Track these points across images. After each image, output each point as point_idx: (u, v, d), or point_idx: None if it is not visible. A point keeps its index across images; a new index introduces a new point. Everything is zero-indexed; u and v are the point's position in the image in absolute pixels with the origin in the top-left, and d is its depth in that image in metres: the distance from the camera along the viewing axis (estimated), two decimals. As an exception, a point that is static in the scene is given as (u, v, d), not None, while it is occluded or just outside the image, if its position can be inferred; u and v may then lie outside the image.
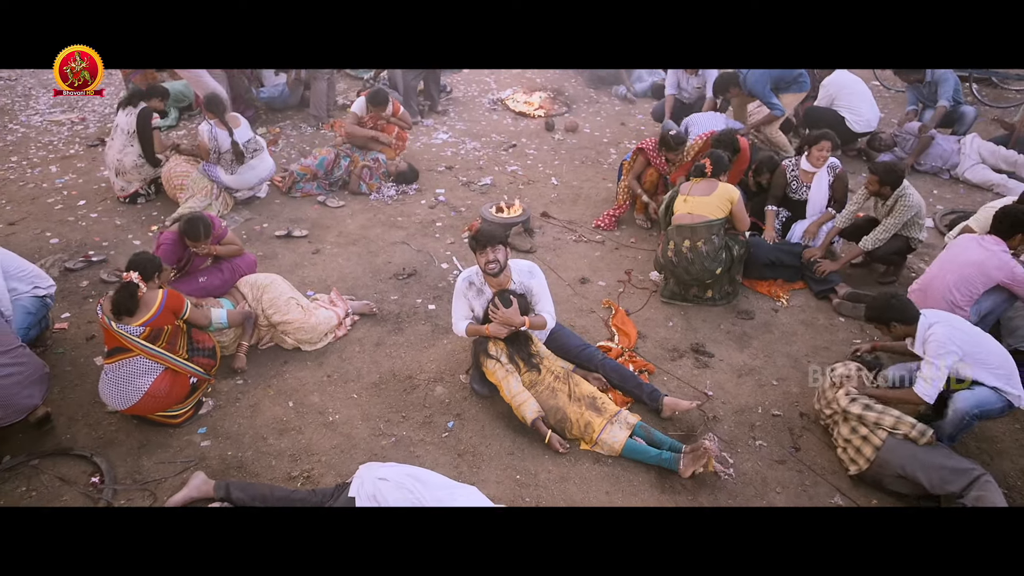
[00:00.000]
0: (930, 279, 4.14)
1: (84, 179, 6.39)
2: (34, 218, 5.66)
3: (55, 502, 3.23)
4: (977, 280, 3.90)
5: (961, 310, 3.91)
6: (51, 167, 6.63)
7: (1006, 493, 3.29)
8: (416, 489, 2.93)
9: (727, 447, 3.54)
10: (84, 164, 6.71)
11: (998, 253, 3.91)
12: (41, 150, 7.03)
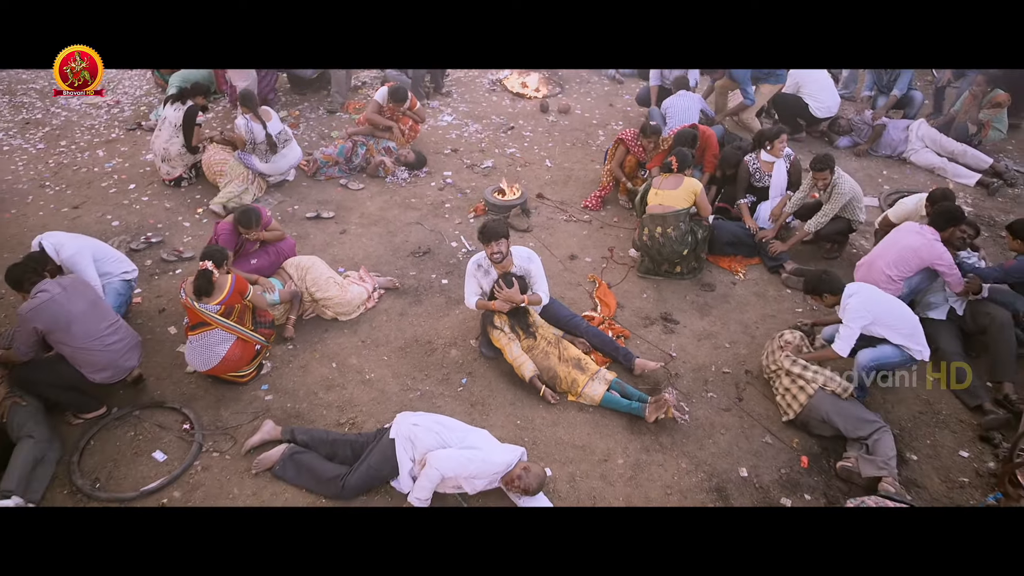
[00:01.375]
0: (874, 257, 4.92)
1: (130, 163, 7.06)
2: (93, 202, 6.37)
3: (157, 444, 4.06)
4: (912, 261, 4.67)
5: (895, 283, 4.69)
6: (98, 151, 7.29)
7: (898, 433, 4.15)
8: (441, 432, 3.77)
9: (684, 398, 4.37)
10: (127, 148, 7.36)
11: (932, 242, 4.65)
12: (86, 134, 7.67)
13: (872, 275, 4.70)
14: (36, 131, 7.70)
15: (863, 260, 4.98)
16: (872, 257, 4.85)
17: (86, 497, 3.75)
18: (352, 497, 3.74)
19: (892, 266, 4.65)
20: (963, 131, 7.02)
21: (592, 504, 3.76)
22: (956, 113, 7.17)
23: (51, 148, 7.34)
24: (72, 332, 3.87)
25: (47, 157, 7.15)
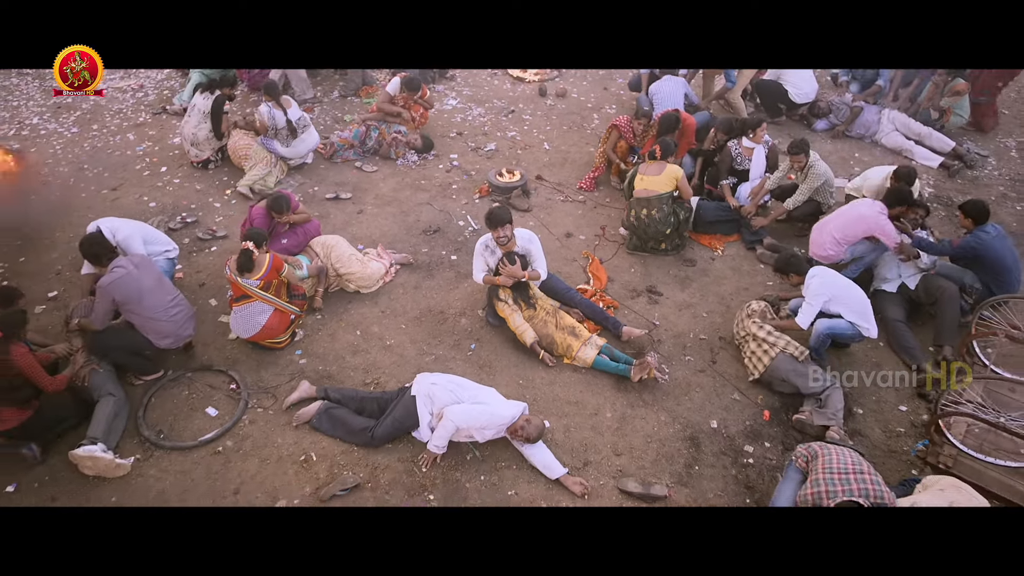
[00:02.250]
0: (827, 220, 5.52)
1: (159, 146, 7.54)
2: (129, 184, 6.86)
3: (208, 402, 4.66)
4: (857, 227, 5.26)
5: (840, 246, 5.31)
6: (128, 135, 7.76)
7: (848, 391, 4.76)
8: (455, 390, 4.36)
9: (665, 361, 4.96)
10: (155, 132, 7.83)
11: (878, 215, 5.23)
12: (115, 118, 8.12)
13: (822, 236, 5.31)
14: (68, 115, 8.14)
15: (818, 223, 5.55)
16: (825, 220, 5.46)
17: (153, 446, 4.36)
18: (379, 445, 4.35)
19: (839, 230, 5.25)
20: (926, 117, 7.51)
21: (583, 450, 4.38)
22: (921, 101, 7.66)
23: (84, 132, 7.80)
24: (143, 304, 4.45)
25: (82, 141, 7.62)
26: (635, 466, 4.31)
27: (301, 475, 4.23)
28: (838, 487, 3.45)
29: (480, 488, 4.17)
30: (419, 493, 4.13)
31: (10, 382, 4.02)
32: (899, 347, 5.08)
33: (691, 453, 4.41)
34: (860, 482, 3.46)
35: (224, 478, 4.21)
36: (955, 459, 4.25)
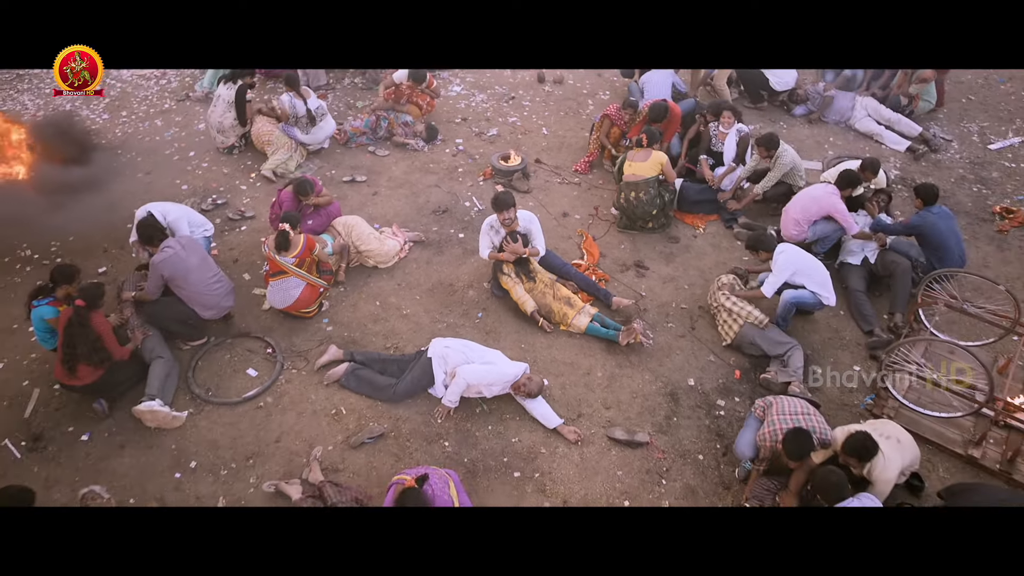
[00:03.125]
0: (791, 203, 6.08)
1: (185, 132, 8.02)
2: (162, 168, 7.35)
3: (248, 364, 5.24)
4: (813, 209, 5.83)
5: (801, 226, 5.88)
6: (156, 121, 8.24)
7: (810, 353, 5.35)
8: (466, 352, 4.94)
9: (649, 327, 5.52)
10: (180, 118, 8.30)
11: (830, 195, 5.78)
12: (142, 104, 8.58)
13: (787, 218, 5.91)
14: (98, 102, 8.61)
15: (785, 207, 6.11)
16: (790, 203, 6.01)
17: (203, 402, 4.96)
18: (400, 400, 4.95)
19: (798, 211, 5.83)
20: (896, 103, 8.00)
21: (577, 404, 4.98)
22: (892, 88, 8.14)
23: (114, 118, 8.27)
24: (189, 279, 5.01)
25: (113, 127, 8.10)
26: (622, 417, 4.93)
27: (333, 426, 4.84)
28: (789, 426, 4.07)
29: (488, 436, 4.79)
30: (436, 441, 4.75)
31: (91, 344, 4.58)
32: (857, 314, 5.66)
33: (670, 406, 5.02)
34: (808, 422, 4.09)
35: (267, 428, 4.81)
36: (897, 411, 4.88)
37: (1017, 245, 6.55)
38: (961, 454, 4.64)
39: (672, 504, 4.41)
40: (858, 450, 3.89)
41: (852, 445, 3.92)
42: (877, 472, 3.91)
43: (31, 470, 4.53)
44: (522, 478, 4.54)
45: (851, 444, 3.92)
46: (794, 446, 3.97)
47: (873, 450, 3.87)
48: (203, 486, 4.48)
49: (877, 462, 3.90)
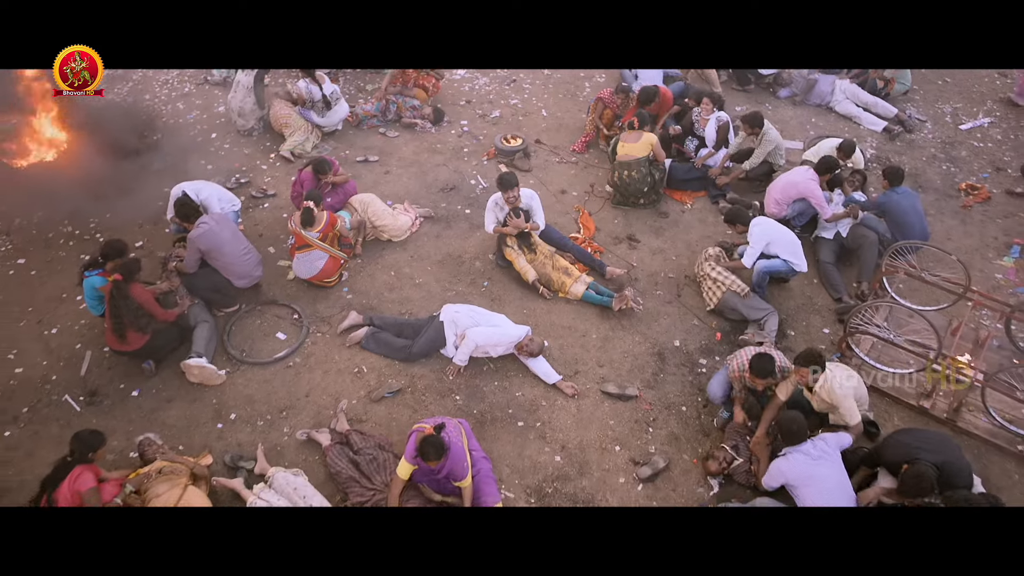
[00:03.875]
0: (772, 185, 6.52)
1: (207, 115, 8.41)
2: (187, 149, 7.77)
3: (277, 328, 5.73)
4: (792, 192, 6.27)
5: (780, 206, 6.33)
6: (178, 104, 8.63)
7: (785, 317, 5.85)
8: (474, 316, 5.42)
9: (640, 294, 6.00)
10: (200, 101, 8.69)
11: (808, 180, 6.22)
12: (163, 88, 8.95)
13: (769, 198, 6.36)
14: (122, 86, 8.98)
15: (769, 186, 6.57)
16: (771, 186, 6.46)
17: (239, 362, 5.46)
18: (415, 360, 5.45)
19: (779, 192, 6.28)
20: (873, 86, 8.40)
21: (574, 362, 5.49)
22: (870, 71, 8.54)
23: (138, 103, 8.66)
24: (224, 252, 5.48)
25: (134, 111, 8.50)
26: (614, 374, 5.44)
27: (356, 382, 5.35)
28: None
29: (494, 391, 5.30)
30: (448, 395, 5.26)
31: (135, 313, 5.06)
32: (827, 283, 6.14)
33: (658, 364, 5.53)
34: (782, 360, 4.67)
35: (297, 385, 5.32)
36: (860, 368, 5.38)
37: (979, 219, 7.02)
38: (914, 405, 5.16)
39: (658, 449, 4.94)
40: (807, 357, 4.49)
41: (803, 355, 4.54)
42: (834, 392, 4.45)
43: (90, 421, 5.02)
44: (525, 427, 5.06)
45: (803, 354, 4.55)
46: (759, 364, 4.59)
47: (821, 357, 4.46)
48: (243, 435, 5.00)
49: (830, 378, 4.46)
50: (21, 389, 5.27)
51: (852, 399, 4.48)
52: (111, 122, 7.21)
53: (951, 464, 4.02)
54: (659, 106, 7.42)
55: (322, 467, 4.76)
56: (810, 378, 4.51)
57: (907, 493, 3.94)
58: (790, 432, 4.25)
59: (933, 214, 7.06)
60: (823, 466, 4.13)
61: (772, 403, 4.62)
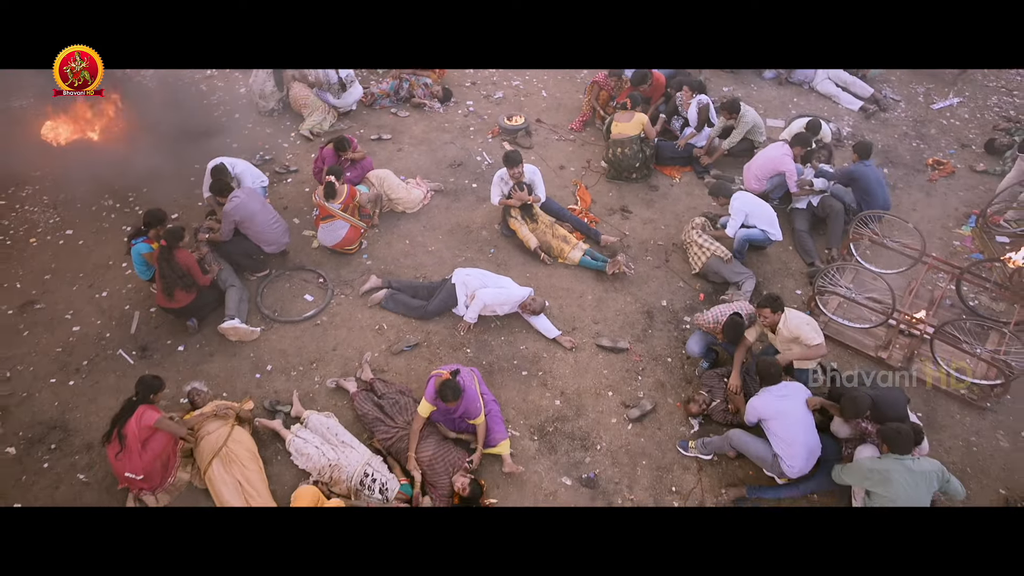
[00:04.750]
0: (752, 162, 7.01)
1: (228, 96, 8.85)
2: (213, 129, 8.23)
3: (304, 291, 6.26)
4: (767, 167, 6.77)
5: (760, 181, 6.82)
6: (201, 86, 9.06)
7: (762, 280, 6.38)
8: (482, 278, 5.94)
9: (631, 260, 6.51)
10: (222, 84, 9.11)
11: (783, 156, 6.71)
12: (185, 71, 9.39)
13: (748, 175, 6.86)
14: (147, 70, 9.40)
15: (747, 164, 7.06)
16: (751, 163, 6.95)
17: (272, 320, 5.99)
18: (430, 318, 5.98)
19: (757, 169, 6.78)
20: (852, 68, 8.89)
21: (572, 320, 6.04)
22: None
23: (162, 85, 9.09)
24: (256, 221, 5.99)
25: (163, 92, 8.94)
26: (607, 330, 5.98)
27: (377, 338, 5.89)
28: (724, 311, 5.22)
29: (501, 345, 5.85)
30: (459, 348, 5.81)
31: (179, 274, 5.59)
32: (800, 249, 6.67)
33: (646, 322, 6.08)
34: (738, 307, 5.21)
35: (324, 340, 5.87)
36: (826, 324, 5.93)
37: (943, 192, 7.53)
38: (873, 355, 5.72)
39: (646, 394, 5.51)
40: (767, 301, 5.05)
41: (763, 299, 5.09)
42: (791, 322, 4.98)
43: (143, 373, 5.58)
44: (528, 376, 5.62)
45: (763, 298, 5.10)
46: (730, 328, 5.16)
47: (778, 299, 4.97)
48: (278, 383, 5.56)
49: (788, 316, 4.99)
50: (80, 345, 5.82)
51: (809, 326, 5.00)
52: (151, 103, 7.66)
53: (883, 398, 4.59)
54: (652, 88, 7.87)
55: (350, 410, 5.33)
56: (771, 317, 5.04)
57: (847, 414, 4.54)
58: (768, 374, 4.79)
59: (902, 187, 7.57)
60: (788, 403, 4.69)
61: (741, 345, 5.17)
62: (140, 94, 8.00)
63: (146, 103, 8.03)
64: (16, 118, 7.96)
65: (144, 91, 8.50)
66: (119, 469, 4.63)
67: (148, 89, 8.70)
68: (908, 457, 4.20)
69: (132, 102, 7.77)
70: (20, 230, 6.85)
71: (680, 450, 5.13)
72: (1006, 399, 5.42)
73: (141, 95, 8.00)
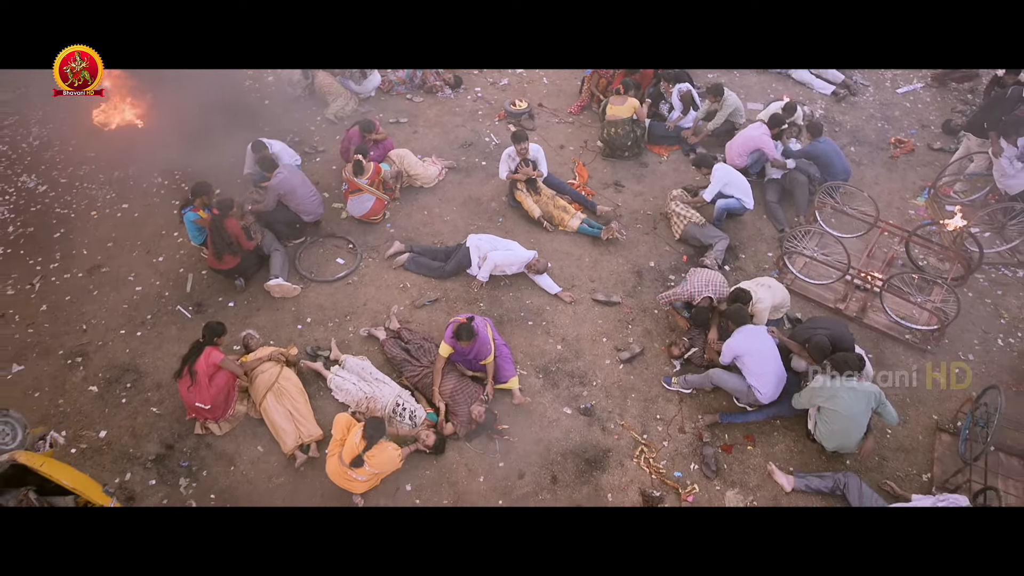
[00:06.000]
0: (733, 140, 7.66)
1: (258, 83, 9.46)
2: (248, 114, 8.88)
3: (336, 255, 6.96)
4: (748, 144, 7.43)
5: (741, 157, 7.47)
6: (234, 76, 9.71)
7: (737, 244, 7.09)
8: (493, 242, 6.62)
9: (623, 227, 7.20)
10: (252, 73, 9.75)
11: (762, 135, 7.38)
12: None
13: (730, 151, 7.52)
14: (182, 59, 10.03)
15: (729, 142, 7.73)
16: (731, 141, 7.62)
17: (309, 280, 6.70)
18: (447, 277, 6.67)
19: (738, 147, 7.44)
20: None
21: (571, 278, 6.75)
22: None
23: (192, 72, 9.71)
24: (296, 194, 6.68)
25: (198, 79, 9.57)
26: (602, 287, 6.70)
27: (402, 294, 6.61)
28: (700, 288, 5.87)
29: (509, 299, 6.57)
30: (474, 303, 6.52)
31: (227, 240, 6.28)
32: (771, 217, 7.37)
33: (636, 279, 6.79)
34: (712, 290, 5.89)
35: (356, 297, 6.58)
36: (793, 280, 6.65)
37: (903, 168, 8.21)
38: (832, 307, 6.44)
39: (635, 340, 6.23)
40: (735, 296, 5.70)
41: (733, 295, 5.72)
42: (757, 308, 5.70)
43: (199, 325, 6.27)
44: (534, 325, 6.35)
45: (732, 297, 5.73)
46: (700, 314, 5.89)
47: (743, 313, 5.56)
48: (318, 333, 6.28)
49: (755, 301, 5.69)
50: (143, 302, 6.53)
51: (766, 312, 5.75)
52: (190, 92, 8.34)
53: (836, 334, 5.32)
54: (641, 76, 8.54)
55: (380, 354, 6.05)
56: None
57: (815, 355, 5.24)
58: (740, 317, 5.51)
59: (866, 163, 8.25)
60: (758, 341, 5.42)
61: (714, 313, 5.90)
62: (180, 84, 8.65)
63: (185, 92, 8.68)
64: (69, 105, 8.60)
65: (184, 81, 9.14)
66: (189, 400, 5.36)
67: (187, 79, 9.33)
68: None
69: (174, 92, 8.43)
70: (82, 204, 7.54)
71: (664, 385, 5.87)
72: (944, 342, 6.15)
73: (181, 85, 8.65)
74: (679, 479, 5.29)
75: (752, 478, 5.30)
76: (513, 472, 5.31)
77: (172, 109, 8.48)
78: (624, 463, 5.38)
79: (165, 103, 8.59)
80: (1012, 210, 6.71)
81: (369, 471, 4.90)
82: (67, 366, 5.98)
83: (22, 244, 7.07)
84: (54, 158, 8.13)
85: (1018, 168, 6.55)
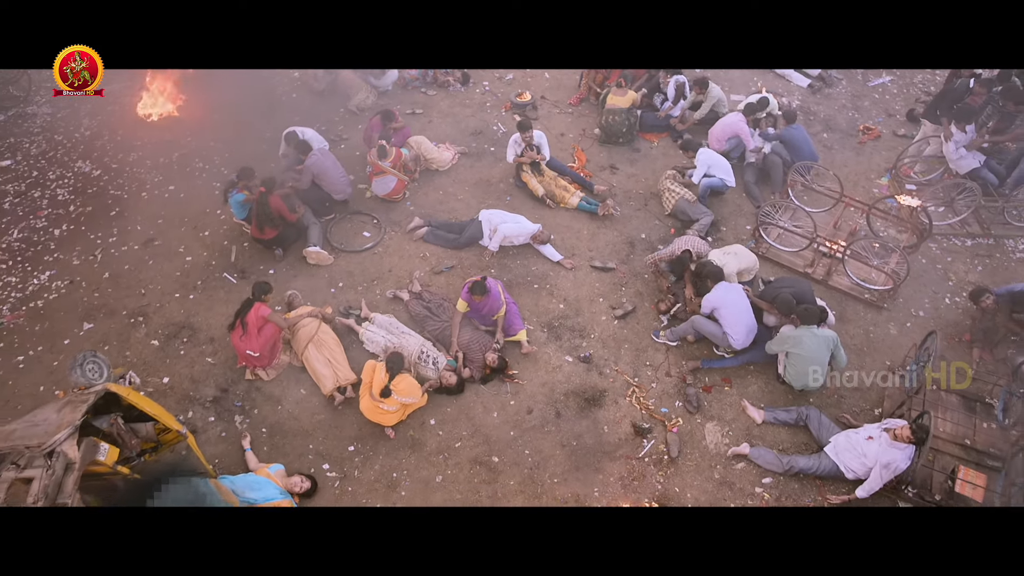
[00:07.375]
0: (715, 127, 8.35)
1: (286, 78, 10.18)
2: (275, 106, 9.59)
3: (363, 229, 7.67)
4: (727, 130, 8.13)
5: (721, 142, 8.17)
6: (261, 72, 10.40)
7: (719, 219, 7.80)
8: (502, 216, 7.33)
9: (618, 204, 7.94)
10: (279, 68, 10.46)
11: (738, 121, 8.08)
12: (247, 58, 10.71)
13: (712, 137, 8.22)
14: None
15: (711, 129, 8.43)
16: (714, 128, 8.32)
17: (339, 251, 7.41)
18: (462, 247, 7.37)
19: (719, 133, 8.14)
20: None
21: (572, 248, 7.46)
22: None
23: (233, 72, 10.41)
24: (329, 174, 7.39)
25: (230, 76, 10.26)
26: (599, 255, 7.41)
27: (422, 262, 7.31)
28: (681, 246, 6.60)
29: (517, 266, 7.28)
30: (486, 269, 7.23)
31: (270, 214, 6.98)
32: (750, 195, 8.08)
33: (629, 249, 7.51)
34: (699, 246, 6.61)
35: (381, 264, 7.30)
36: (768, 248, 7.36)
37: (869, 152, 8.91)
38: (801, 271, 7.16)
39: (628, 300, 6.95)
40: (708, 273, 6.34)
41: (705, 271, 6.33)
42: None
43: (244, 290, 7.01)
44: (539, 288, 7.06)
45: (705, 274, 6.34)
46: (677, 264, 6.58)
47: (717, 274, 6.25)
48: (349, 295, 6.99)
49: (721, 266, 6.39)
50: (193, 270, 7.24)
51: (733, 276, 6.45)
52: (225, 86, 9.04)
53: (798, 291, 6.04)
54: (636, 73, 9.24)
55: (404, 312, 6.75)
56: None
57: (782, 310, 5.95)
58: (714, 275, 6.22)
59: (837, 148, 8.96)
60: (733, 294, 6.13)
61: (688, 272, 6.61)
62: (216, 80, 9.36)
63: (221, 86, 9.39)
64: (113, 99, 9.32)
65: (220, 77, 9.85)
66: (241, 348, 6.07)
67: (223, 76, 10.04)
68: (814, 327, 5.65)
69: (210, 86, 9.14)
70: (133, 186, 8.24)
71: (653, 337, 6.58)
72: (898, 300, 6.87)
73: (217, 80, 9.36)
74: (665, 414, 6.01)
75: (728, 413, 6.02)
76: (522, 408, 6.04)
77: (210, 103, 9.18)
78: (618, 401, 6.10)
79: (203, 98, 9.29)
80: (960, 186, 7.42)
81: (397, 400, 5.62)
82: (130, 324, 6.69)
83: (83, 221, 7.77)
84: (104, 146, 8.82)
85: (962, 153, 7.25)
